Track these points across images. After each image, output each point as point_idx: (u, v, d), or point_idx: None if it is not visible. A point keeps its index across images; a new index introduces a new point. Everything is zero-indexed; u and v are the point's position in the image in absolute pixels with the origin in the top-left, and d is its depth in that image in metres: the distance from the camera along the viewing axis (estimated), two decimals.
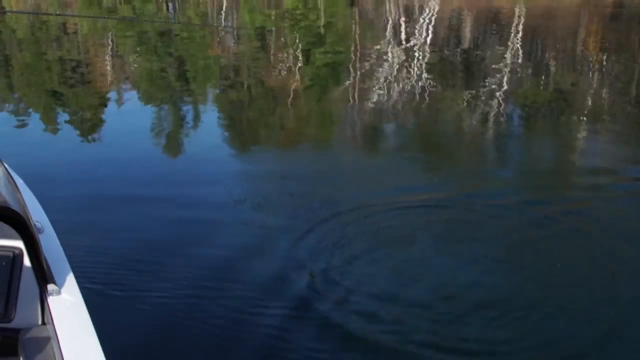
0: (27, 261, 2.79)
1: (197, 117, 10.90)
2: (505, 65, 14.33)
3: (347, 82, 13.19)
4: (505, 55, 15.50)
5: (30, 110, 11.65)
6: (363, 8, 27.80)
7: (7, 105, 12.13)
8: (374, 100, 11.53)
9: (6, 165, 3.62)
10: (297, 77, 13.61)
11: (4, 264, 2.74)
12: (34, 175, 4.91)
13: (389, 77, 13.29)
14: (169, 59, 15.89)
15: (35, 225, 2.94)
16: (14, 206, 2.68)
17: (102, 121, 10.60)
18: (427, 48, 16.98)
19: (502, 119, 10.46)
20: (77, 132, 9.93)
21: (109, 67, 15.28)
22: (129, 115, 10.89)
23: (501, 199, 6.77)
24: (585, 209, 6.63)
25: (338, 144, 9.49)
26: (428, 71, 14.04)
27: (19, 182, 3.76)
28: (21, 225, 2.63)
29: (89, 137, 9.67)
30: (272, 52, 16.78)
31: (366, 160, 8.50)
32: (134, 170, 7.80)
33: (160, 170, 7.94)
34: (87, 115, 10.98)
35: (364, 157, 8.76)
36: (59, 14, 16.45)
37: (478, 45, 17.73)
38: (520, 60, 15.18)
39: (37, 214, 3.44)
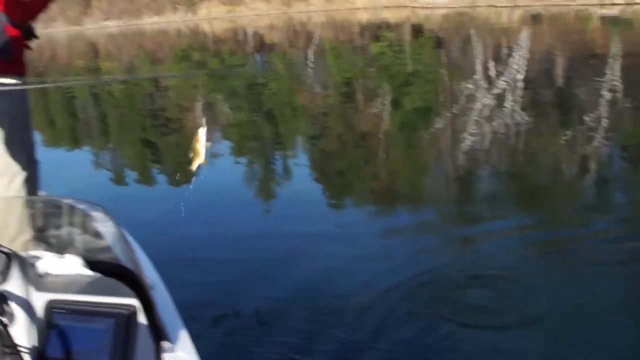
0: (141, 318, 2.76)
1: (287, 167, 10.94)
2: (605, 104, 13.84)
3: (438, 126, 13.00)
4: (603, 94, 14.99)
5: (128, 164, 11.99)
6: (450, 50, 27.66)
7: (104, 159, 12.51)
8: (468, 144, 11.29)
9: (116, 221, 3.64)
10: (387, 122, 13.52)
11: (120, 322, 2.71)
12: (136, 230, 4.94)
13: (482, 120, 13.03)
14: (257, 108, 16.14)
15: (148, 281, 2.92)
16: (128, 264, 2.66)
17: (195, 172, 10.73)
18: (519, 88, 16.62)
19: (605, 161, 10.02)
20: (172, 184, 10.12)
21: (199, 118, 15.59)
22: (221, 165, 11.03)
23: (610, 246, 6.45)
24: None
25: (433, 191, 9.29)
26: (522, 113, 13.68)
27: (129, 238, 3.77)
28: (136, 283, 2.60)
29: (185, 189, 9.80)
30: (360, 98, 16.79)
31: (466, 210, 8.24)
32: (235, 226, 7.83)
33: (257, 224, 7.96)
34: (182, 168, 11.20)
35: (463, 205, 8.49)
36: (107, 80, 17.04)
37: (573, 84, 17.24)
38: (619, 99, 14.64)
39: (147, 270, 3.43)
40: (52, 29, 71.20)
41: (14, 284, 2.55)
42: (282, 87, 19.87)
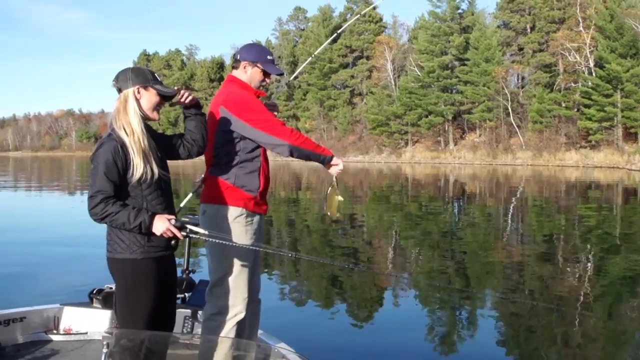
0: None
1: (473, 320, 10.36)
2: None
3: None
4: None
5: (314, 299, 11.97)
6: None
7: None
8: None
9: None
10: (586, 287, 12.51)
11: None
12: None
13: None
14: (450, 257, 15.74)
15: None
16: None
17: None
18: None
19: None
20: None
21: (389, 256, 15.46)
22: (404, 311, 10.68)
23: None
24: None
25: None
26: None
27: None
28: None
29: None
30: (560, 259, 15.84)
31: None
32: None
33: None
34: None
35: None
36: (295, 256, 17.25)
37: None
38: None
39: None
40: None
41: None
42: (477, 240, 19.36)
